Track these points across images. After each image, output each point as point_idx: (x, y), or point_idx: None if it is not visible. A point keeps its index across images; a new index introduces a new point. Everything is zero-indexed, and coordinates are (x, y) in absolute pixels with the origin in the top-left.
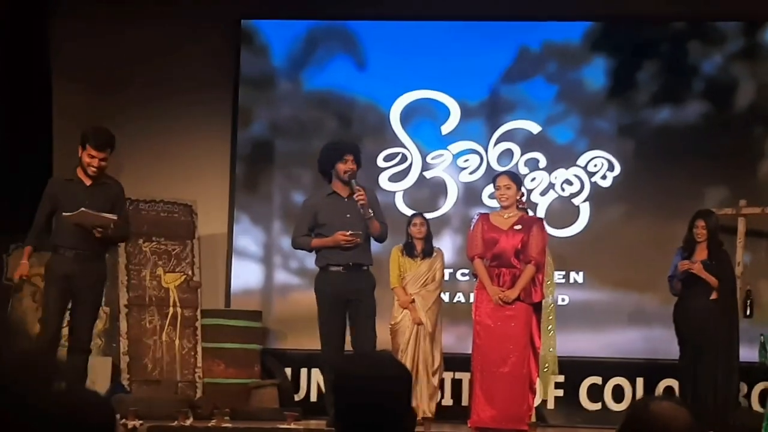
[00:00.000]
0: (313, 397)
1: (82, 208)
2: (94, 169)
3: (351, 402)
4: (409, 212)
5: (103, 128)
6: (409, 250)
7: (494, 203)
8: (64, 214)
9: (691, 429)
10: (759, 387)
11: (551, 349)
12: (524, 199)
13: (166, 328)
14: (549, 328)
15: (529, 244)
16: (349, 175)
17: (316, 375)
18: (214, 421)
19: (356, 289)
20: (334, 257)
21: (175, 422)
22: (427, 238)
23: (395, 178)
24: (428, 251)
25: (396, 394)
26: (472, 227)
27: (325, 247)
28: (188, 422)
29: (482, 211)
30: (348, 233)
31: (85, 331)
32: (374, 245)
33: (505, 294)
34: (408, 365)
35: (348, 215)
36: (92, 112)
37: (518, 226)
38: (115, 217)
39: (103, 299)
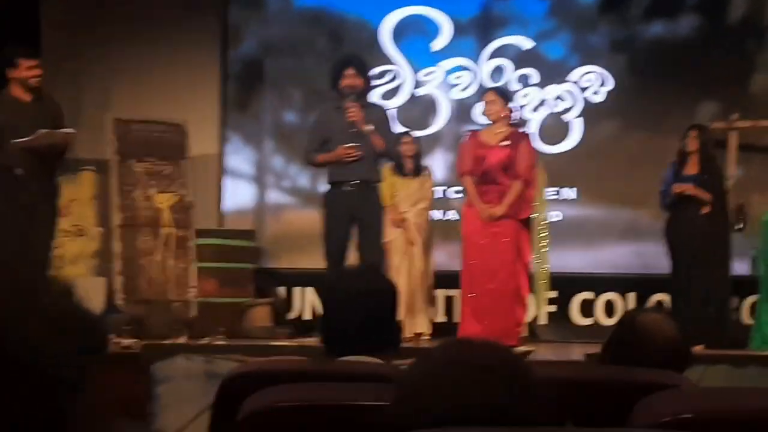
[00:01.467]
0: (307, 316)
1: (44, 130)
2: (37, 80)
3: (337, 315)
4: (400, 130)
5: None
6: (399, 168)
7: (485, 120)
8: (14, 141)
9: (676, 341)
10: (749, 300)
11: (545, 266)
12: (516, 114)
13: (159, 248)
14: (542, 245)
15: (517, 159)
16: (350, 90)
17: (309, 294)
18: (207, 339)
19: (363, 207)
20: (342, 173)
21: (169, 340)
22: (417, 157)
23: (386, 95)
24: (418, 169)
25: (381, 308)
26: (461, 144)
27: (330, 162)
28: (182, 340)
29: (473, 128)
30: (348, 146)
31: (46, 249)
32: None
33: (493, 210)
34: (401, 283)
35: (352, 129)
36: (81, 33)
37: (506, 142)
38: (73, 131)
39: (95, 219)
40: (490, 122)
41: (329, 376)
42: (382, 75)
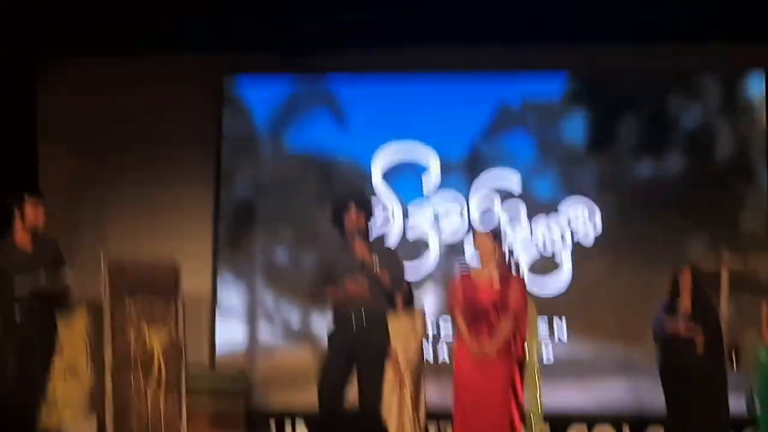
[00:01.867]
0: None
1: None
2: (40, 219)
3: None
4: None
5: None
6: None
7: (477, 258)
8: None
9: None
10: None
11: (538, 404)
12: (507, 254)
13: (151, 387)
14: (537, 389)
15: (509, 298)
16: (354, 228)
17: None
18: None
19: (367, 340)
20: (347, 301)
21: None
22: (408, 294)
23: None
24: (410, 306)
25: None
26: (452, 281)
27: (338, 297)
28: None
29: (463, 264)
30: (356, 282)
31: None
32: None
33: (484, 348)
34: (392, 422)
35: (360, 268)
36: (77, 175)
37: (497, 282)
38: (68, 284)
39: (87, 359)
40: (483, 263)
41: None
42: None
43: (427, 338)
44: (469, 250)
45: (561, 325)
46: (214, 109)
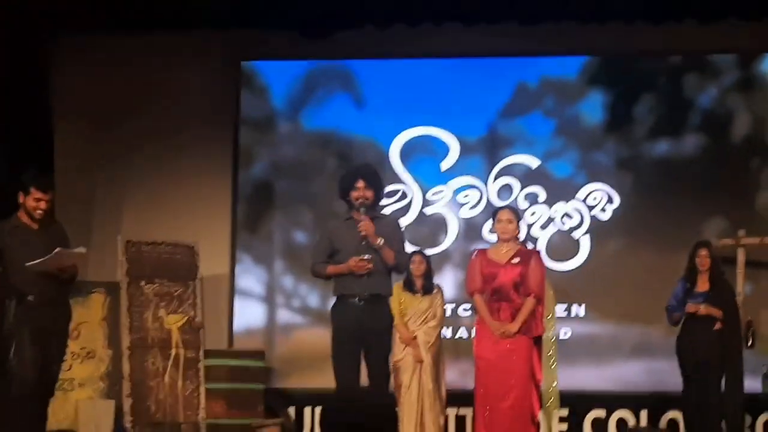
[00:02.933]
0: None
1: (58, 248)
2: (41, 212)
3: None
4: (410, 249)
5: (43, 171)
6: (409, 286)
7: (494, 238)
8: (28, 264)
9: None
10: (762, 418)
11: (554, 384)
12: (522, 233)
13: (168, 369)
14: (551, 362)
15: (528, 276)
16: (361, 202)
17: (320, 413)
18: None
19: (372, 323)
20: (351, 286)
21: None
22: (427, 275)
23: (396, 214)
24: (428, 288)
25: None
26: (470, 262)
27: (340, 275)
28: None
29: (482, 246)
30: (360, 258)
31: (55, 374)
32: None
33: (507, 328)
34: (412, 402)
35: (363, 243)
36: (93, 155)
37: (516, 260)
38: (84, 250)
39: (106, 341)
40: (501, 240)
41: None
42: (391, 194)
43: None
44: (487, 230)
45: (579, 306)
46: (232, 89)
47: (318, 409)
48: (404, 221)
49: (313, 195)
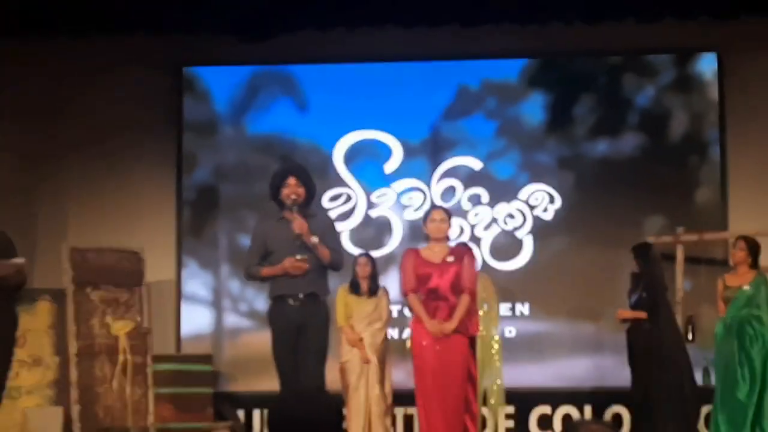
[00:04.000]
0: None
1: None
2: None
3: None
4: (355, 251)
5: None
6: (355, 288)
7: (432, 237)
8: None
9: None
10: (704, 410)
11: (498, 381)
12: (460, 232)
13: (116, 375)
14: (495, 359)
15: (463, 274)
16: (293, 200)
17: (267, 416)
18: None
19: (309, 322)
20: (286, 287)
21: None
22: (373, 277)
23: (341, 218)
24: (374, 290)
25: None
26: (401, 263)
27: (275, 276)
28: None
29: (410, 247)
30: (296, 259)
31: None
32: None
33: (444, 326)
34: (360, 403)
35: (298, 240)
36: (35, 162)
37: (451, 258)
38: (22, 260)
39: (53, 348)
40: (433, 240)
41: None
42: (336, 197)
43: (391, 319)
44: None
45: (523, 305)
46: (174, 95)
47: (266, 412)
48: (349, 224)
49: (257, 199)
